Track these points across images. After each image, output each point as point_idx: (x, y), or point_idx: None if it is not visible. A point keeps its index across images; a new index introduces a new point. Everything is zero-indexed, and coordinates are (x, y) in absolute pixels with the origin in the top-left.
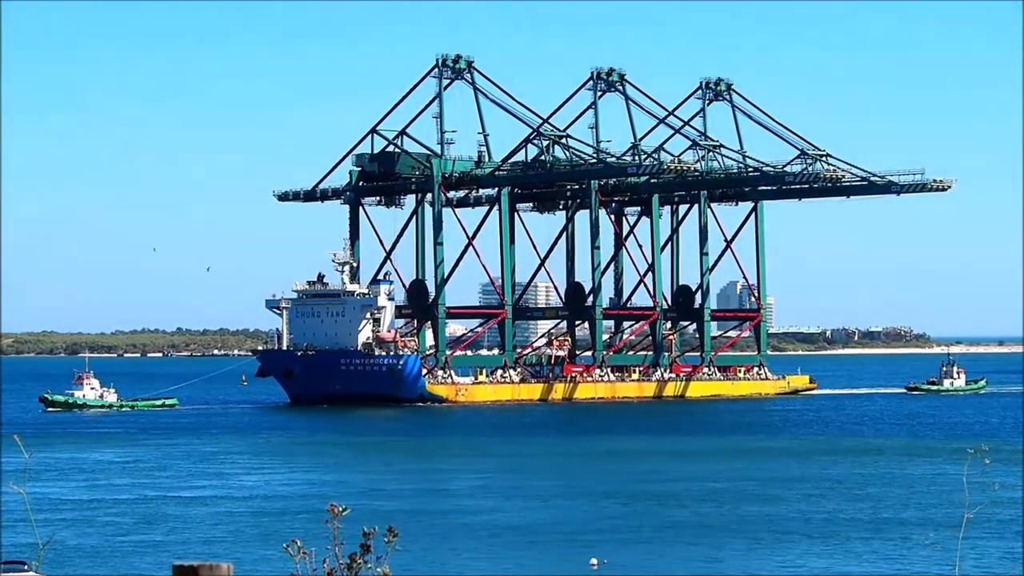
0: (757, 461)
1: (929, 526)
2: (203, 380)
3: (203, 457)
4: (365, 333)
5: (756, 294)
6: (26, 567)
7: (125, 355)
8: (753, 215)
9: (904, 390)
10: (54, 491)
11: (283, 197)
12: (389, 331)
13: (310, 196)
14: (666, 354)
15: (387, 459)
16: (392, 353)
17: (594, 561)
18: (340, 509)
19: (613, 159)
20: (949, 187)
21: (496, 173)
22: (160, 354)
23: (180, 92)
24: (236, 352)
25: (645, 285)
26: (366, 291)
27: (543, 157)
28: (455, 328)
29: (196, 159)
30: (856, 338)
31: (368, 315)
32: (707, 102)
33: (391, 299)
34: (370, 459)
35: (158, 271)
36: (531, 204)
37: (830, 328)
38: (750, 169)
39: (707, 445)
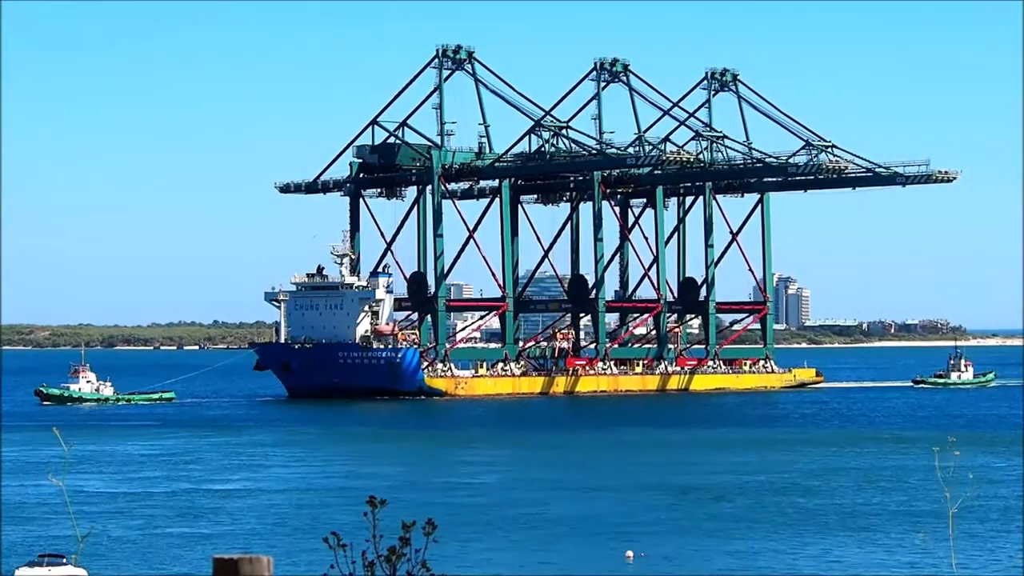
0: (783, 452)
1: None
2: (202, 373)
3: (231, 449)
4: (363, 326)
5: (763, 286)
6: (64, 560)
7: (161, 348)
8: (759, 207)
9: (911, 383)
10: (89, 484)
11: (284, 189)
12: (387, 324)
13: (311, 188)
14: (671, 347)
15: (413, 451)
16: (390, 346)
17: (630, 554)
18: (379, 501)
19: (613, 150)
20: (954, 178)
21: (496, 164)
22: (197, 347)
23: (183, 86)
24: None
25: (649, 278)
26: (365, 284)
27: (544, 148)
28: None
29: (199, 152)
30: (892, 331)
31: (366, 308)
32: (712, 93)
33: (390, 292)
34: (399, 451)
35: (195, 264)
36: (535, 196)
37: (867, 321)
38: (754, 160)
39: (731, 436)
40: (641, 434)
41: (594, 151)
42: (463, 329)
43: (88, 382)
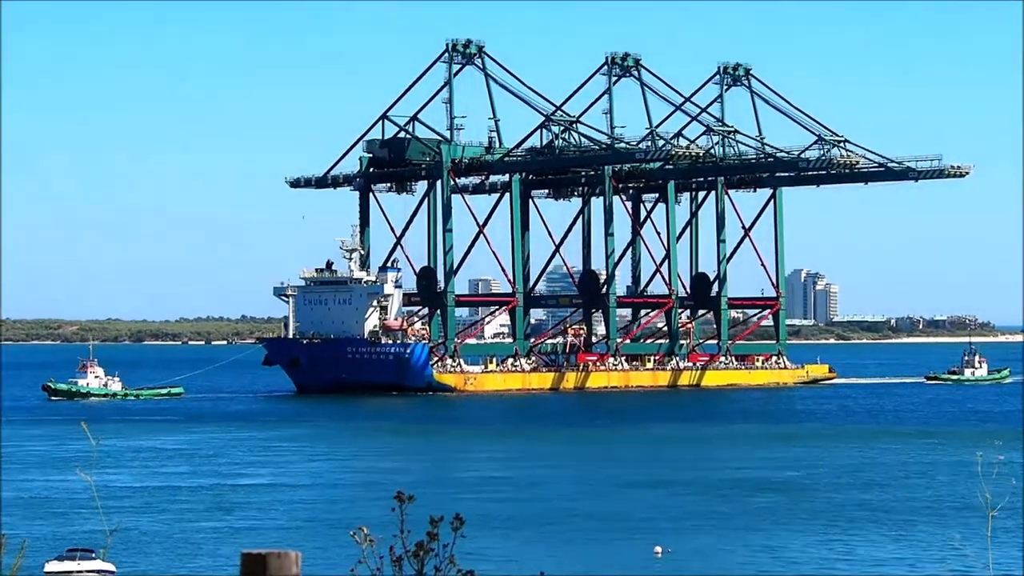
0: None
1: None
2: (212, 369)
3: (246, 444)
4: (372, 321)
5: (775, 282)
6: (94, 555)
7: (189, 343)
8: (772, 202)
9: (924, 380)
10: (109, 478)
11: (295, 184)
12: (396, 319)
13: (322, 182)
14: (683, 342)
15: (431, 447)
16: (399, 341)
17: (658, 549)
18: (407, 496)
19: (623, 145)
20: (967, 173)
21: (506, 159)
22: (224, 342)
23: (194, 80)
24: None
25: (661, 273)
26: (373, 279)
27: (554, 143)
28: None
29: (209, 147)
30: (921, 326)
31: (375, 303)
32: (725, 88)
33: (398, 286)
34: (418, 447)
35: (222, 259)
36: (546, 191)
37: (895, 317)
38: (766, 155)
39: (756, 432)
40: (663, 429)
41: (604, 146)
42: (488, 323)
43: (96, 377)
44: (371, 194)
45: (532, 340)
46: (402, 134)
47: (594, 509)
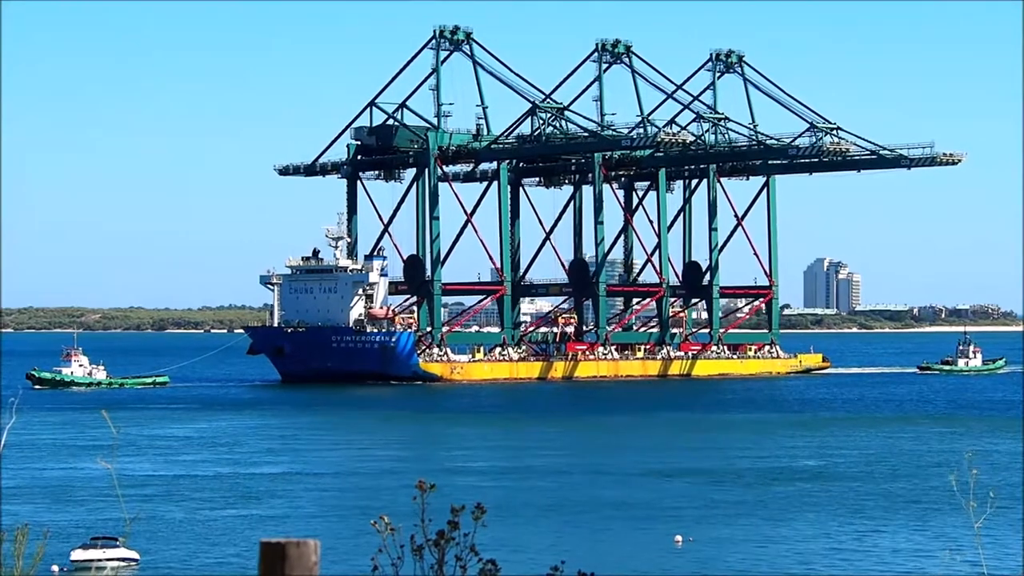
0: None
1: None
2: (200, 358)
3: (272, 432)
4: (357, 310)
5: (768, 271)
6: (118, 543)
7: (212, 331)
8: (765, 190)
9: (917, 370)
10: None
11: (284, 171)
12: (381, 307)
13: (310, 170)
14: (676, 331)
15: (456, 435)
16: (384, 330)
17: (679, 538)
18: (428, 485)
19: (609, 132)
20: (959, 161)
21: (493, 146)
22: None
23: (188, 68)
24: None
25: (652, 262)
26: (359, 267)
27: (543, 130)
28: (540, 304)
29: (202, 135)
30: (943, 316)
31: (360, 291)
32: (717, 75)
33: (384, 275)
34: (435, 435)
35: (244, 248)
36: (537, 179)
37: (918, 306)
38: (756, 142)
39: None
40: (675, 418)
41: (591, 133)
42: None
43: (80, 366)
44: (359, 181)
45: (522, 329)
46: (390, 121)
47: (610, 497)
